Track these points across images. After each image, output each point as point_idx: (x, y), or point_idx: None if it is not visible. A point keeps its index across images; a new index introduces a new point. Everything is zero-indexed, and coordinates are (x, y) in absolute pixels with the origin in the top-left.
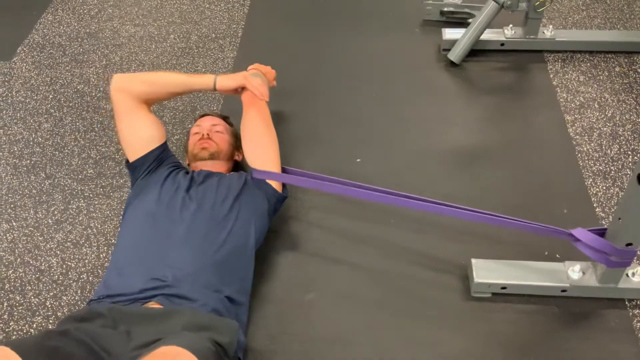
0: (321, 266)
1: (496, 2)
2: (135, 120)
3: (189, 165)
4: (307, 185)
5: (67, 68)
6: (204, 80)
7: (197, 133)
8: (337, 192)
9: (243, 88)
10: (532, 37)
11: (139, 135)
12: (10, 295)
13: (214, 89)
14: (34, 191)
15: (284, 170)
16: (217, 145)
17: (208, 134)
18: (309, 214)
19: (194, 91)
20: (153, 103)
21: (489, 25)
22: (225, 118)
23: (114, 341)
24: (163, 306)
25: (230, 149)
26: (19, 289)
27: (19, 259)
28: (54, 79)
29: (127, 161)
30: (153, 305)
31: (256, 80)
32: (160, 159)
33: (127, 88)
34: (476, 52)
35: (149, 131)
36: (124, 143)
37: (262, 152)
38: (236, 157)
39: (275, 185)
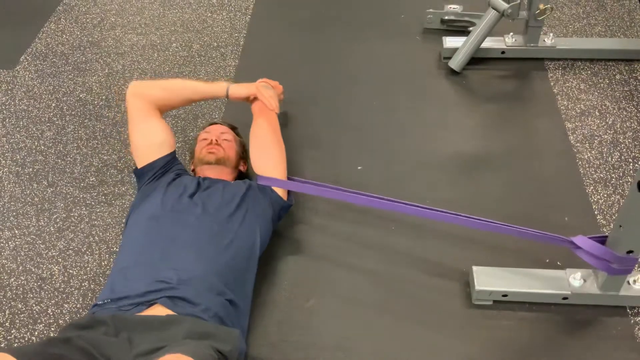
0: (322, 273)
1: (497, 10)
2: (149, 125)
3: (193, 171)
4: (311, 192)
5: (69, 77)
6: (217, 88)
7: (205, 139)
8: (339, 199)
9: (254, 98)
10: (532, 45)
11: (152, 140)
12: (12, 303)
13: (227, 97)
14: (36, 199)
15: (288, 179)
16: (224, 151)
17: (216, 140)
18: (311, 220)
19: (208, 98)
20: (166, 110)
21: (489, 33)
22: (233, 128)
23: (116, 349)
24: (166, 308)
25: (236, 158)
26: (21, 296)
27: (20, 267)
28: (57, 87)
29: (136, 167)
30: (157, 307)
31: (268, 92)
32: (167, 166)
33: (143, 93)
34: (477, 60)
35: (161, 137)
36: (134, 148)
37: (269, 160)
38: (241, 167)
39: (280, 192)
